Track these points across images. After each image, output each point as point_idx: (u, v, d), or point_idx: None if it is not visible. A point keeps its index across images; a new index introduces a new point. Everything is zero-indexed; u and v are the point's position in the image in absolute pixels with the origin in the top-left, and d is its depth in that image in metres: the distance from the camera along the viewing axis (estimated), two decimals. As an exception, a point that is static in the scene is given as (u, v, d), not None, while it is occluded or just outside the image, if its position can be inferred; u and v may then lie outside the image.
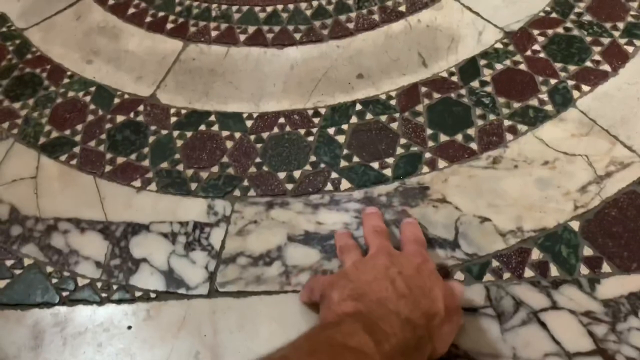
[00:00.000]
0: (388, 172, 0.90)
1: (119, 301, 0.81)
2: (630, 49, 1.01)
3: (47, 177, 0.96)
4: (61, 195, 0.94)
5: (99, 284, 0.83)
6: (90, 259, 0.86)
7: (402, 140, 0.94)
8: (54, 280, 0.84)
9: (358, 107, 0.99)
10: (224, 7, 1.20)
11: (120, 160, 0.97)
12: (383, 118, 0.97)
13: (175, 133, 0.99)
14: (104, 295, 0.82)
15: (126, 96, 1.06)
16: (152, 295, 0.81)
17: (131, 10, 1.22)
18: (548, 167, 0.88)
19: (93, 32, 1.19)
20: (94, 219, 0.90)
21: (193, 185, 0.92)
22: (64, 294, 0.83)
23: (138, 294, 0.82)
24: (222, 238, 0.86)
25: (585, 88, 0.97)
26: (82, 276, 0.84)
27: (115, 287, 0.83)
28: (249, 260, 0.84)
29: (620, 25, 1.05)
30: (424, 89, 1.00)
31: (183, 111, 1.02)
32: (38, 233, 0.89)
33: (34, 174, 0.97)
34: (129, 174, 0.95)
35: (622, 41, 1.02)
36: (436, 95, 0.99)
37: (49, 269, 0.85)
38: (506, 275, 0.78)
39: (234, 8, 1.20)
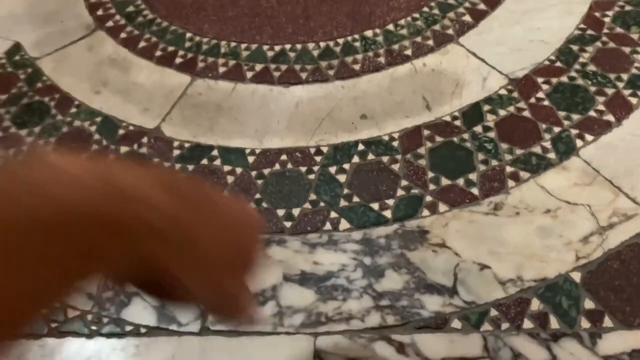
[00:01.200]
0: (388, 213, 0.89)
1: (109, 335, 0.80)
2: (634, 100, 1.01)
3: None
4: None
5: (89, 317, 0.82)
6: (82, 290, 0.85)
7: (403, 182, 0.93)
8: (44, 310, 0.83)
9: (360, 147, 0.99)
10: (232, 44, 1.23)
11: (120, 191, 0.97)
12: (385, 159, 0.97)
13: (178, 166, 1.00)
14: (93, 328, 0.81)
15: (131, 127, 1.07)
16: (143, 330, 0.80)
17: (142, 44, 1.25)
18: (550, 215, 0.87)
19: (104, 64, 1.21)
20: (89, 250, 0.89)
21: (191, 219, 0.92)
22: (53, 325, 0.81)
23: (128, 328, 0.80)
24: (217, 274, 0.85)
25: (588, 137, 0.97)
26: (73, 307, 0.83)
27: (105, 320, 0.81)
28: (243, 298, 0.82)
29: (625, 76, 1.06)
30: (426, 132, 1.01)
31: (186, 145, 1.03)
32: (33, 261, 0.89)
33: (34, 202, 0.97)
34: (129, 205, 0.95)
35: (626, 92, 1.03)
36: (439, 139, 0.99)
37: (41, 298, 0.84)
38: (505, 325, 0.76)
39: (243, 46, 1.22)
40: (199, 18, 1.30)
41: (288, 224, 0.90)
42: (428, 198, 0.91)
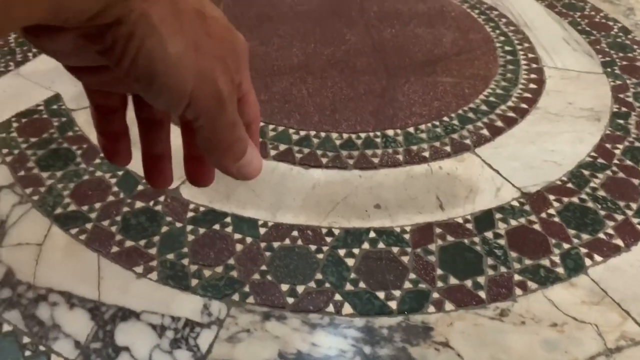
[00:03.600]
0: (393, 304, 0.88)
1: (88, 389, 0.76)
2: (643, 229, 1.03)
3: (52, 247, 0.96)
4: (61, 266, 0.92)
5: (72, 366, 0.78)
6: (71, 337, 0.82)
7: (412, 275, 0.93)
8: (27, 353, 0.79)
9: (372, 234, 1.00)
10: (261, 124, 1.28)
11: (128, 243, 0.97)
12: (395, 250, 0.97)
13: (189, 227, 1.00)
14: (74, 378, 0.77)
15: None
16: (124, 388, 0.76)
17: (175, 112, 1.31)
18: (556, 329, 0.85)
19: (134, 125, 1.26)
20: (86, 297, 0.88)
21: (194, 282, 0.91)
22: (33, 369, 0.78)
23: (110, 384, 0.76)
24: (211, 341, 0.82)
25: (597, 258, 0.97)
26: (57, 354, 0.80)
27: (88, 372, 0.78)
28: (234, 370, 0.79)
29: (634, 205, 1.09)
30: (438, 230, 1.02)
31: (202, 208, 1.04)
32: (26, 300, 0.86)
33: (41, 241, 0.96)
34: (134, 258, 0.94)
35: (635, 220, 1.05)
36: (450, 238, 1.00)
37: (26, 339, 0.81)
38: None
39: (270, 126, 1.28)
40: (232, 96, 1.37)
41: (290, 300, 0.88)
42: (435, 295, 0.90)
